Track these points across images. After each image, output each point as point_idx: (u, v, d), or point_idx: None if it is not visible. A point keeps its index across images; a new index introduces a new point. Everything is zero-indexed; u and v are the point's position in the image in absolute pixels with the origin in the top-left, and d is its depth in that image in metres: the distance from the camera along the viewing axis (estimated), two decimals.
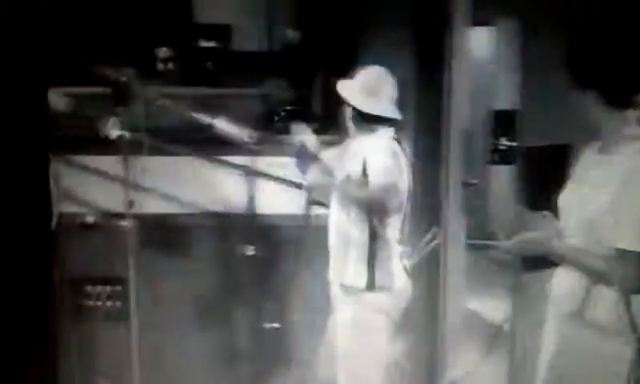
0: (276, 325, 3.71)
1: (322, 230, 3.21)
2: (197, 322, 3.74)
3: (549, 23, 3.92)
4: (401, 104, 3.57)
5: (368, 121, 3.12)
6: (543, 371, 2.45)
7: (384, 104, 3.13)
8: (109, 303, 3.69)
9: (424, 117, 3.88)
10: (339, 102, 3.12)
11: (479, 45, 6.59)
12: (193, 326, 3.74)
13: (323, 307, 3.29)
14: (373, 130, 3.13)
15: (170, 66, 3.83)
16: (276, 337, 3.72)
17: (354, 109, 3.11)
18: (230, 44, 3.93)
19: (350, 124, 3.17)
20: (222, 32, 3.83)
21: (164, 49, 3.89)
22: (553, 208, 2.35)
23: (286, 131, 3.26)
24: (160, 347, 3.62)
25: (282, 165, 3.56)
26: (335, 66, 2.96)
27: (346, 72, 3.06)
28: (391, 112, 3.13)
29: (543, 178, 3.40)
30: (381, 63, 3.63)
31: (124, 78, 3.08)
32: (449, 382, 4.14)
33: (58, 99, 3.43)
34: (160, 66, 3.88)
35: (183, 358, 3.74)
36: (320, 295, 3.31)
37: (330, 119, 3.22)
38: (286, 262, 3.70)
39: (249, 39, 3.91)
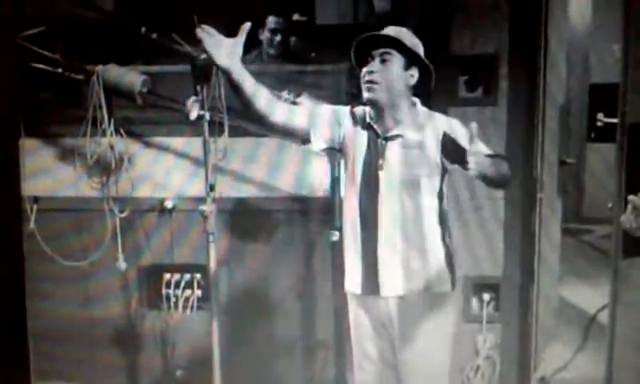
0: None
1: None
2: (278, 310, 3.61)
3: None
4: (494, 76, 3.39)
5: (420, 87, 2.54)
6: None
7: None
8: (188, 291, 3.56)
9: (518, 91, 3.55)
10: (361, 60, 2.51)
11: (577, 12, 6.22)
12: (274, 314, 3.60)
13: None
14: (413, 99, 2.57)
15: (278, 37, 3.61)
16: None
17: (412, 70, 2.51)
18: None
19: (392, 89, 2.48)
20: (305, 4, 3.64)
21: (273, 18, 3.67)
22: None
23: None
24: (240, 336, 3.50)
25: None
26: (427, 37, 2.69)
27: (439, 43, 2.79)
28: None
29: None
30: (474, 32, 3.47)
31: (203, 55, 2.89)
32: (540, 376, 3.90)
33: (134, 77, 3.26)
34: (266, 36, 3.66)
35: (263, 346, 3.61)
36: None
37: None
38: None
39: (333, 11, 3.71)
